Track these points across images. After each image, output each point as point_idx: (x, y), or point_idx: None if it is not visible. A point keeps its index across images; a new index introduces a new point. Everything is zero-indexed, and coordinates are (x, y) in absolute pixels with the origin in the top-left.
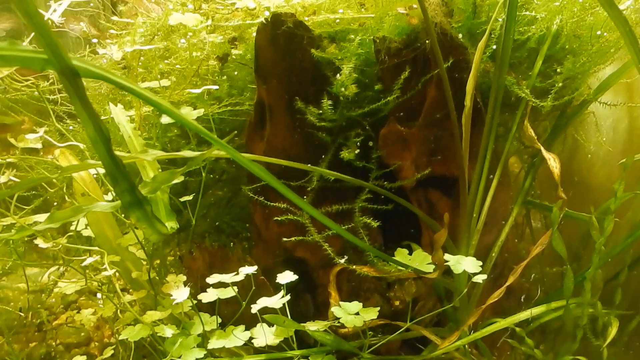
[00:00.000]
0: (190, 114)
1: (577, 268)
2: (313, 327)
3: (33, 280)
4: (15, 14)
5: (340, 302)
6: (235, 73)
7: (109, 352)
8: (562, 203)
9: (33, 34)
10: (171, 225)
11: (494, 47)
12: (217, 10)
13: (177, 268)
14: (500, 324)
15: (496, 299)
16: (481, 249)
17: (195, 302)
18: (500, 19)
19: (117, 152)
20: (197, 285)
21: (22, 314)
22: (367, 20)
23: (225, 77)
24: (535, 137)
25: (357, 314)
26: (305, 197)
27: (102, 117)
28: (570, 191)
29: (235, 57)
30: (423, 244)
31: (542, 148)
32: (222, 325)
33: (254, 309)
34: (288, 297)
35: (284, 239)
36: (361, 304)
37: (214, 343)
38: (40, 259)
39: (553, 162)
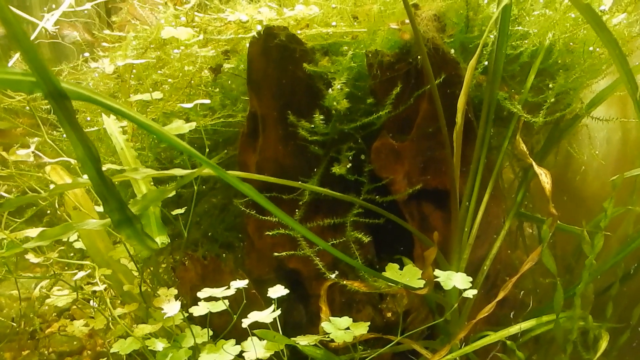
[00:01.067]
0: (181, 127)
1: (570, 280)
2: (303, 341)
3: (26, 287)
4: None
5: (331, 318)
6: (229, 82)
7: None
8: (553, 220)
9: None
10: (162, 240)
11: (486, 62)
12: (209, 23)
13: (169, 277)
14: (492, 337)
15: (487, 313)
16: (473, 261)
17: (187, 314)
18: (492, 35)
19: (109, 166)
20: (189, 296)
21: (14, 324)
22: (359, 33)
23: (218, 88)
24: (527, 152)
25: (348, 328)
26: (297, 209)
27: (95, 128)
28: (563, 202)
29: (228, 70)
30: (415, 256)
31: (533, 163)
32: (214, 337)
33: (245, 323)
34: (279, 311)
35: (276, 253)
36: (351, 319)
37: (204, 357)
38: (32, 269)
39: (544, 178)
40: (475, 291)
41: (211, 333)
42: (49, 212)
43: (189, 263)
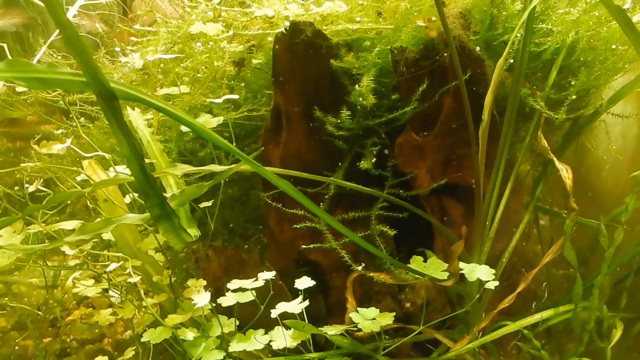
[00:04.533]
0: (209, 122)
1: (585, 272)
2: (331, 331)
3: (46, 275)
4: (24, 8)
5: (358, 309)
6: (250, 76)
7: (129, 352)
8: (574, 214)
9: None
10: (193, 232)
11: (512, 60)
12: (236, 19)
13: (193, 269)
14: (510, 327)
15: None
16: (492, 254)
17: (213, 305)
18: (518, 34)
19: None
20: (212, 287)
21: (39, 312)
22: (384, 30)
23: (242, 83)
24: (548, 148)
25: (374, 319)
26: (321, 203)
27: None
28: (578, 195)
29: (254, 65)
30: (435, 250)
31: (554, 159)
32: (240, 328)
33: (274, 313)
34: (307, 302)
35: (303, 246)
36: (378, 310)
37: (234, 346)
38: (59, 258)
39: (565, 173)
40: (497, 283)
41: (237, 323)
42: (69, 202)
43: (213, 255)
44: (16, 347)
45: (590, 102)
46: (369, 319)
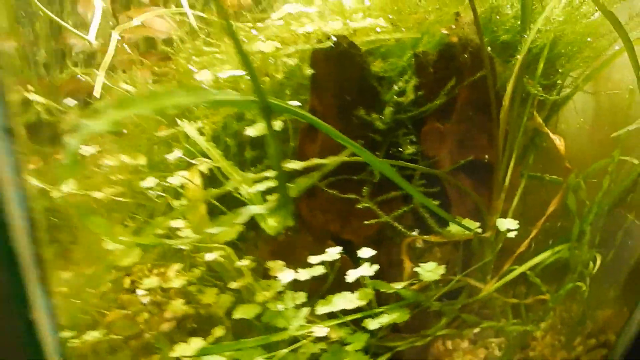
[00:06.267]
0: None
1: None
2: (399, 286)
3: None
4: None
5: (420, 264)
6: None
7: (219, 330)
8: (571, 171)
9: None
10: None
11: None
12: (283, 35)
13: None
14: (519, 269)
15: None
16: (502, 213)
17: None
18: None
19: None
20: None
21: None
22: (406, 38)
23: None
24: (543, 123)
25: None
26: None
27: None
28: (550, 162)
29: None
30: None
31: (549, 132)
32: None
33: (349, 279)
34: (376, 266)
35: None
36: (435, 263)
37: (320, 309)
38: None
39: (559, 142)
40: (516, 232)
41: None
42: None
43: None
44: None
45: (567, 85)
46: (429, 271)
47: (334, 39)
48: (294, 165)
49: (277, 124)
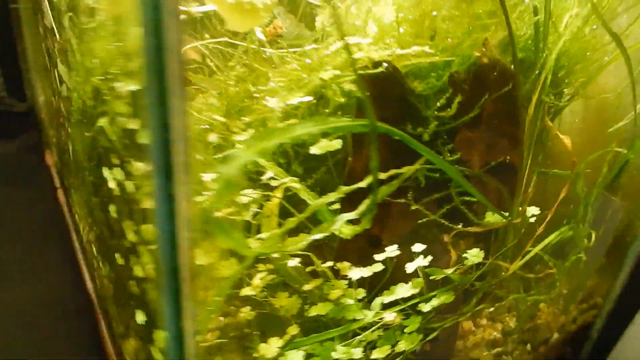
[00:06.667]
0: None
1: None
2: (450, 271)
3: None
4: None
5: (467, 250)
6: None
7: (293, 329)
8: (577, 164)
9: None
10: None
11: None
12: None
13: None
14: (536, 249)
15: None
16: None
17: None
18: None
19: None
20: None
21: None
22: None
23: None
24: (552, 126)
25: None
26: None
27: None
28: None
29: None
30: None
31: (558, 132)
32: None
33: (409, 269)
34: (430, 257)
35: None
36: (478, 248)
37: (386, 299)
38: None
39: (567, 141)
40: (535, 217)
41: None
42: None
43: None
44: None
45: (568, 93)
46: (474, 255)
47: (385, 64)
48: (382, 175)
49: (338, 142)
